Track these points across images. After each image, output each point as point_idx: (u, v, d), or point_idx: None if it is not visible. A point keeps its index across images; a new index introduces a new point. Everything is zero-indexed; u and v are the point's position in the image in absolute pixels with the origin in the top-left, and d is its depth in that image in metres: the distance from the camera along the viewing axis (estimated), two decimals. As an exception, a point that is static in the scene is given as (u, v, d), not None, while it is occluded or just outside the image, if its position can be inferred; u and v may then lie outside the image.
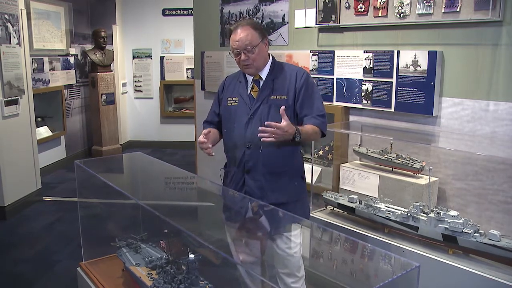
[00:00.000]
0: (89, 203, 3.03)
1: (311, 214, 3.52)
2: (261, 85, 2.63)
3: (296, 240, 2.59)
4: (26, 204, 5.51)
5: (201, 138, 2.54)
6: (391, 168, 3.45)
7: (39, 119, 6.87)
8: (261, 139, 2.36)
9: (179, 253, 2.15)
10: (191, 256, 1.97)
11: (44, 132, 6.99)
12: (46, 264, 4.08)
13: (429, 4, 3.12)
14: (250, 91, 2.65)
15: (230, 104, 2.67)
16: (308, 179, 3.72)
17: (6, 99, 5.14)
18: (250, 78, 2.67)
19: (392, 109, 3.47)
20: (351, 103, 3.74)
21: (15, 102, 5.30)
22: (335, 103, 3.82)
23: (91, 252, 2.76)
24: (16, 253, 4.34)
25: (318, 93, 2.68)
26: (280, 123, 2.35)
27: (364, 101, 3.63)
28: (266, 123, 2.36)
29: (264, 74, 2.65)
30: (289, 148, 2.60)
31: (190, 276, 1.97)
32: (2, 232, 4.83)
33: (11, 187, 5.22)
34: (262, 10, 4.36)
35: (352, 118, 3.80)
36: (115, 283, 2.42)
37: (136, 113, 9.06)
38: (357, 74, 3.67)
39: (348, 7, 3.60)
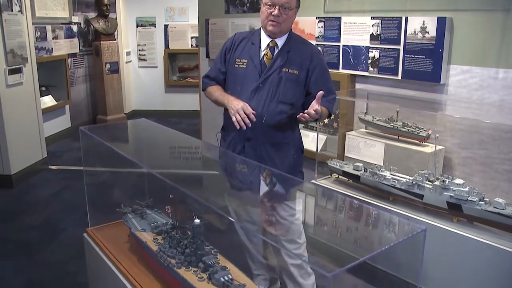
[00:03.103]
0: (95, 170, 3.04)
1: (315, 182, 3.53)
2: (275, 53, 2.57)
3: (297, 207, 2.59)
4: (32, 172, 5.54)
5: (250, 109, 2.44)
6: (397, 136, 3.44)
7: (43, 88, 6.83)
8: (297, 117, 2.39)
9: (185, 218, 2.16)
10: (197, 221, 1.97)
11: (48, 101, 6.97)
12: (53, 231, 4.12)
13: (439, -32, 3.05)
14: (263, 57, 2.57)
15: (237, 66, 2.59)
16: (313, 147, 3.72)
17: (10, 67, 5.10)
18: (264, 43, 2.58)
19: (399, 77, 3.43)
20: (358, 70, 3.69)
21: (18, 70, 5.27)
22: (341, 70, 3.78)
23: (97, 219, 2.78)
24: (24, 220, 4.38)
25: (329, 74, 2.65)
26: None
27: (371, 69, 3.59)
28: (306, 111, 2.33)
29: (280, 42, 2.57)
30: (291, 121, 2.57)
31: (195, 241, 1.98)
32: (9, 200, 4.87)
33: (17, 156, 5.24)
34: (267, -25, 4.27)
35: (358, 85, 3.77)
36: (121, 248, 2.43)
37: (140, 82, 9.01)
38: (364, 41, 3.61)
39: (356, -28, 3.52)
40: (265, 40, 2.59)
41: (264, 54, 2.57)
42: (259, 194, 2.42)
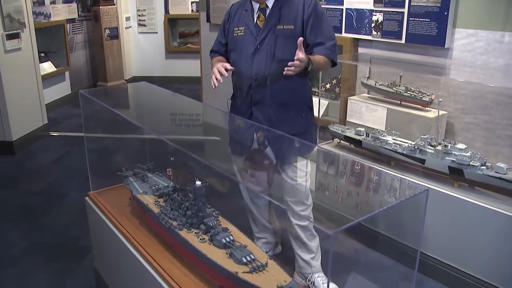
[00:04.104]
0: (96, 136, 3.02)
1: (317, 146, 3.52)
2: (267, 14, 2.53)
3: (305, 169, 2.59)
4: (33, 139, 5.54)
5: (225, 68, 2.44)
6: (400, 101, 3.41)
7: (42, 54, 6.75)
8: (283, 73, 2.29)
9: (186, 181, 2.16)
10: (198, 183, 1.97)
11: (48, 67, 6.90)
12: (55, 197, 4.14)
13: None
14: (256, 21, 2.55)
15: (236, 34, 2.58)
16: (315, 112, 3.69)
17: (7, 32, 5.03)
18: (256, 6, 2.56)
19: (403, 41, 3.37)
20: (361, 34, 3.63)
21: (16, 35, 5.19)
22: (344, 34, 3.72)
23: (99, 183, 2.78)
24: (25, 186, 4.40)
25: (327, 21, 2.57)
26: (294, 54, 2.28)
27: (374, 33, 3.53)
28: (290, 63, 2.26)
29: (270, 2, 2.53)
30: (297, 79, 2.53)
31: (196, 203, 1.99)
32: (11, 166, 4.89)
33: (18, 122, 5.22)
34: None
35: (361, 50, 3.72)
36: (123, 211, 2.45)
37: (140, 48, 8.91)
38: (368, 4, 3.54)
39: None
40: (256, 4, 2.56)
41: (257, 18, 2.54)
42: (265, 157, 2.42)
